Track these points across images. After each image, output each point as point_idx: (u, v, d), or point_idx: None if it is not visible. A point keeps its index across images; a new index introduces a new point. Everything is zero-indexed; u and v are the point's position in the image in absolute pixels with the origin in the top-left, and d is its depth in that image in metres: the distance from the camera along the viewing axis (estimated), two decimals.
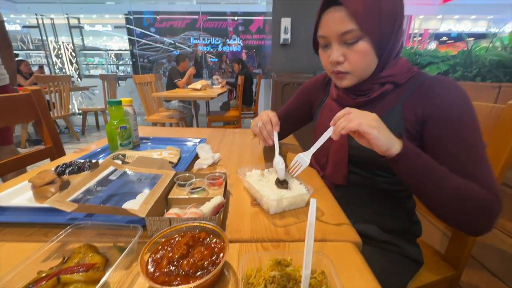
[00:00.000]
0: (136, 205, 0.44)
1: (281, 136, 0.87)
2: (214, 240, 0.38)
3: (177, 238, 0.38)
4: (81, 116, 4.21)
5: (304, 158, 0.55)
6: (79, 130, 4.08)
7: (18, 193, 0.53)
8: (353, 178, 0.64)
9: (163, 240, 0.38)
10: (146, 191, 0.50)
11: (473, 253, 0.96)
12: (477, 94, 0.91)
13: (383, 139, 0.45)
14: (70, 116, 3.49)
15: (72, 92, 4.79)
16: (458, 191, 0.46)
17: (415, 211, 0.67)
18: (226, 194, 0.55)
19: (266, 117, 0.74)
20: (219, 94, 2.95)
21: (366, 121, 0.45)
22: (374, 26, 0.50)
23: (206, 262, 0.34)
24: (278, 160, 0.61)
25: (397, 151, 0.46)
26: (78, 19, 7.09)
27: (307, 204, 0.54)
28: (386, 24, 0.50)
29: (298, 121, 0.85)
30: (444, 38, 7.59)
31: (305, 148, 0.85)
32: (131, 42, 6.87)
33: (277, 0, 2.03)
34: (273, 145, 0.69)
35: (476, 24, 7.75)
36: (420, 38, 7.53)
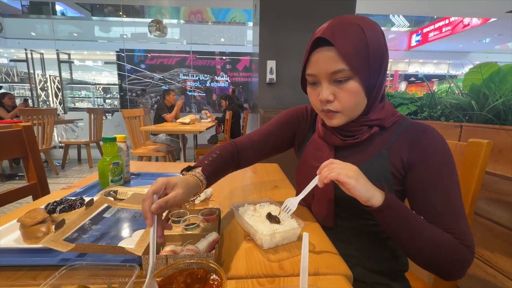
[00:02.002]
0: (132, 243, 0.45)
1: (256, 160, 0.77)
2: (211, 277, 0.38)
3: (175, 276, 0.38)
4: (61, 149, 4.07)
5: (293, 202, 0.57)
6: (58, 164, 3.91)
7: (3, 234, 0.51)
8: (340, 221, 0.64)
9: (160, 279, 0.38)
10: (142, 229, 0.50)
11: (460, 285, 0.98)
12: (443, 131, 1.02)
13: (361, 189, 0.47)
14: (50, 150, 3.37)
15: (55, 125, 4.69)
16: (434, 243, 0.48)
17: None
18: (220, 229, 0.56)
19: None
20: (207, 128, 3.02)
21: (344, 172, 0.48)
22: (363, 67, 0.52)
23: None
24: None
25: (379, 203, 0.48)
26: (69, 54, 7.26)
27: (299, 238, 0.56)
28: (374, 65, 0.52)
29: (276, 148, 0.77)
30: (412, 79, 8.45)
31: (291, 179, 0.88)
32: (120, 76, 7.04)
33: (263, 45, 2.24)
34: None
35: (438, 67, 8.76)
36: (391, 79, 8.34)
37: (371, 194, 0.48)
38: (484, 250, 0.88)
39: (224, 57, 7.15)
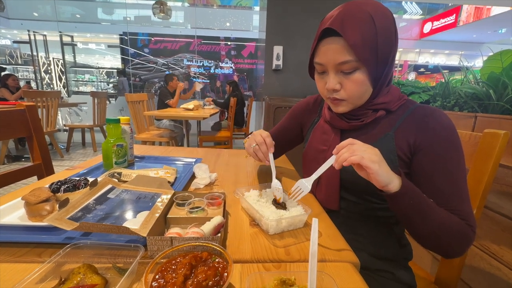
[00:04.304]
0: (136, 224, 0.44)
1: (278, 153, 0.87)
2: (216, 260, 0.38)
3: (179, 259, 0.38)
4: (66, 132, 4.10)
5: (305, 184, 0.56)
6: (63, 147, 3.95)
7: (8, 211, 0.51)
8: (345, 204, 0.64)
9: (165, 260, 0.38)
10: (146, 210, 0.49)
11: (463, 277, 0.98)
12: (456, 122, 0.99)
13: (383, 174, 0.46)
14: (55, 132, 3.38)
15: (59, 108, 4.70)
16: (443, 225, 0.49)
17: (404, 233, 0.68)
18: (225, 214, 0.55)
19: (260, 138, 0.71)
20: (211, 115, 2.99)
21: (368, 156, 0.45)
22: (371, 58, 0.52)
23: (210, 282, 0.34)
24: (275, 181, 0.62)
25: (396, 189, 0.47)
26: (72, 37, 7.15)
27: (305, 225, 0.55)
28: (382, 55, 0.52)
29: (289, 143, 0.85)
30: (422, 70, 8.23)
31: (298, 169, 0.87)
32: (124, 61, 6.95)
33: (270, 30, 2.17)
34: (270, 165, 0.69)
35: (450, 58, 8.49)
36: (400, 69, 8.13)
37: (390, 180, 0.47)
38: (491, 243, 0.87)
39: (229, 43, 6.99)
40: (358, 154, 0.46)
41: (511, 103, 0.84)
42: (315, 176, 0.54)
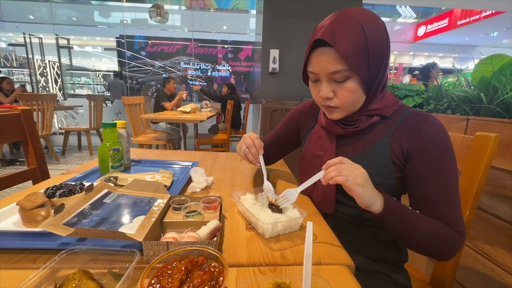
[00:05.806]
0: (132, 229, 0.44)
1: (270, 161, 0.89)
2: (212, 264, 0.38)
3: (175, 263, 0.38)
4: (62, 135, 4.06)
5: (293, 193, 0.57)
6: (59, 150, 3.91)
7: (2, 217, 0.50)
8: (341, 208, 0.65)
9: (161, 265, 0.38)
10: (142, 215, 0.49)
11: (458, 277, 0.99)
12: (449, 125, 1.00)
13: (365, 197, 0.48)
14: (51, 136, 3.36)
15: (55, 111, 4.66)
16: (429, 235, 0.51)
17: None
18: (221, 218, 0.55)
19: (249, 140, 0.74)
20: (208, 118, 2.99)
21: (353, 178, 0.47)
22: (363, 67, 0.53)
23: (206, 287, 0.34)
24: (266, 183, 0.64)
25: (378, 210, 0.50)
26: (68, 39, 7.12)
27: (301, 227, 0.55)
28: (374, 63, 0.53)
29: (287, 147, 0.86)
30: (416, 72, 8.33)
31: (295, 172, 0.88)
32: (120, 63, 6.94)
33: (266, 34, 2.18)
34: (261, 167, 0.72)
35: (443, 60, 8.61)
36: (395, 71, 8.22)
37: (373, 202, 0.49)
38: (484, 244, 0.89)
39: (226, 46, 7.02)
40: (344, 175, 0.48)
41: (501, 107, 0.86)
42: (302, 187, 0.56)
